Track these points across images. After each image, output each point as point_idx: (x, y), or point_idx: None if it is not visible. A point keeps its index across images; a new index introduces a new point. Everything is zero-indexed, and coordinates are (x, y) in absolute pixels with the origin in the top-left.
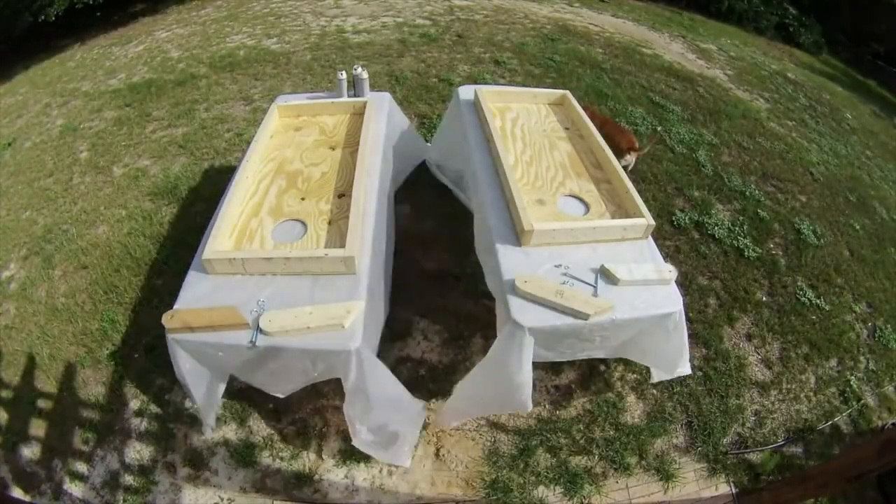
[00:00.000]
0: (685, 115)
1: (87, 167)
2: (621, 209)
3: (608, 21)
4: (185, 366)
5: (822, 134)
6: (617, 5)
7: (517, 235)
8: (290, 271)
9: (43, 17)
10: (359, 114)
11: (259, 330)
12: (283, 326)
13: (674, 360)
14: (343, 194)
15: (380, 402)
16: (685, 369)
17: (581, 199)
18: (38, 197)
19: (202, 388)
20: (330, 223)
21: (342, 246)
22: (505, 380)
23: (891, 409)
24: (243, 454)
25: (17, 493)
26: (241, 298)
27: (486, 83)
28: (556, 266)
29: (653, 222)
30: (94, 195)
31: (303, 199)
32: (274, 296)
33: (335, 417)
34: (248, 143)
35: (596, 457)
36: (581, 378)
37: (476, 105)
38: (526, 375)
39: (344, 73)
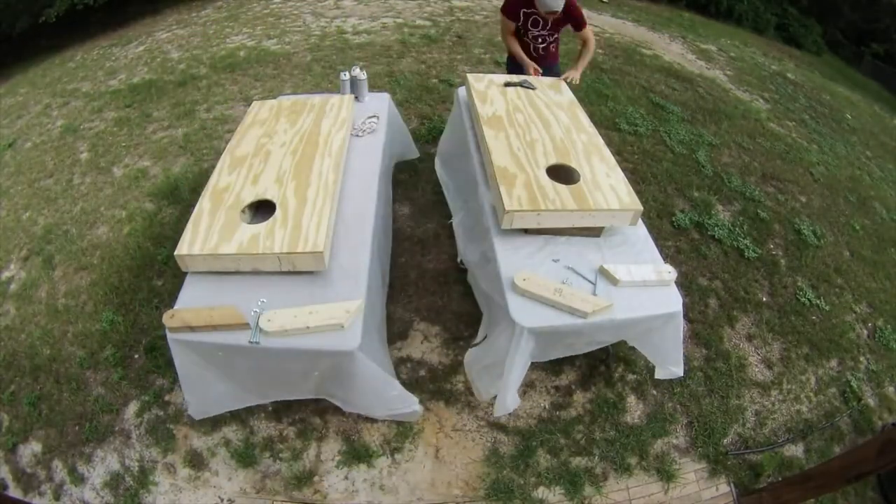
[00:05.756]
0: (685, 116)
1: (87, 168)
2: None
3: (608, 21)
4: (184, 364)
5: (822, 134)
6: (617, 6)
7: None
8: (261, 268)
9: (43, 19)
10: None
11: (259, 329)
12: (282, 326)
13: (670, 360)
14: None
15: (371, 397)
16: (679, 371)
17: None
18: (38, 197)
19: (197, 390)
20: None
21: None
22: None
23: (891, 409)
24: (243, 455)
25: (17, 493)
26: (241, 298)
27: None
28: (553, 261)
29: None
30: (94, 196)
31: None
32: (274, 295)
33: (335, 417)
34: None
35: (596, 457)
36: (581, 378)
37: (466, 91)
38: (514, 377)
39: (347, 73)
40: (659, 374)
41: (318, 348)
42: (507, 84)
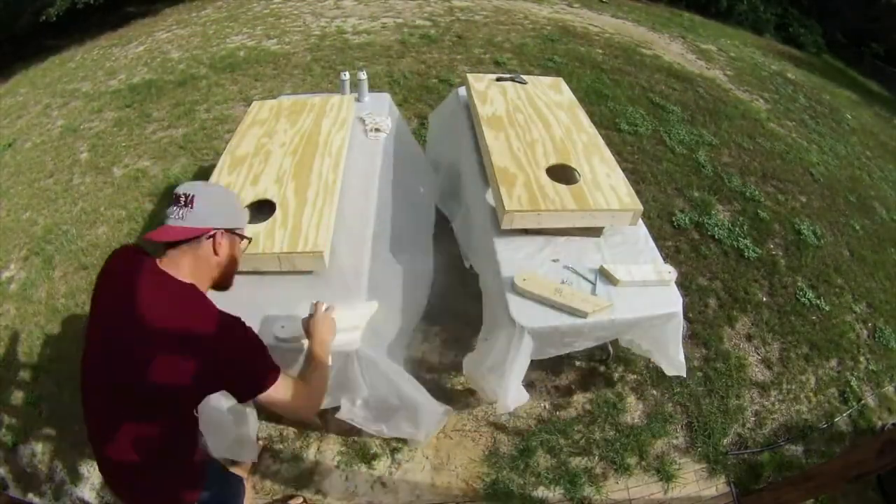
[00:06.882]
0: (685, 116)
1: (87, 168)
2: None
3: (608, 22)
4: None
5: (822, 134)
6: (617, 6)
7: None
8: (260, 268)
9: (44, 17)
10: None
11: (276, 338)
12: (293, 333)
13: (672, 360)
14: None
15: (386, 403)
16: (682, 371)
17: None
18: (38, 197)
19: None
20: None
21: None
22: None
23: (891, 409)
24: None
25: (17, 493)
26: (240, 298)
27: None
28: (553, 261)
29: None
30: (94, 196)
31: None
32: (274, 295)
33: (335, 418)
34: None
35: (596, 457)
36: (581, 378)
37: (466, 91)
38: (515, 376)
39: (347, 73)
40: (668, 371)
41: None
42: (499, 78)
